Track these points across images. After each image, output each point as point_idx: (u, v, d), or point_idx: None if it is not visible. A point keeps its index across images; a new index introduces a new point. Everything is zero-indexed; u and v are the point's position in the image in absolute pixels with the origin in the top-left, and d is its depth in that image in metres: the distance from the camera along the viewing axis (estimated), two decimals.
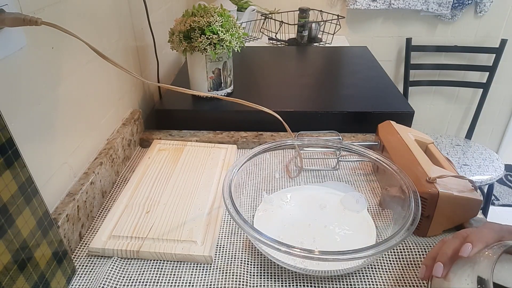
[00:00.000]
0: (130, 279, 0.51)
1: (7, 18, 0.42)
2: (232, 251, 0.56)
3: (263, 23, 1.62)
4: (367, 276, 0.52)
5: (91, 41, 0.51)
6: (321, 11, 1.66)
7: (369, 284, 0.51)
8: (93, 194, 0.62)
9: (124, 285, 0.51)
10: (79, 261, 0.54)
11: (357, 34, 1.85)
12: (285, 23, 1.54)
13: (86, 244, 0.57)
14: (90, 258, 0.55)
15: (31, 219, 0.42)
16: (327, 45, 1.57)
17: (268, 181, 0.68)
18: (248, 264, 0.54)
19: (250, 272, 0.53)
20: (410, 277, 0.52)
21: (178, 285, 0.51)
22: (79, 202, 0.57)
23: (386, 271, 0.53)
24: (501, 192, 2.10)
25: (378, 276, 0.52)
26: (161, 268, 0.53)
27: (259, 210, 0.62)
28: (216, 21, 0.82)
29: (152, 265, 0.54)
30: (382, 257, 0.55)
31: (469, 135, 1.90)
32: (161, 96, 0.98)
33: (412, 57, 1.82)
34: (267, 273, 0.53)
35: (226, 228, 0.60)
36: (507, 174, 2.21)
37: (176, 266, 0.54)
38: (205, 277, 0.52)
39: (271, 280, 0.51)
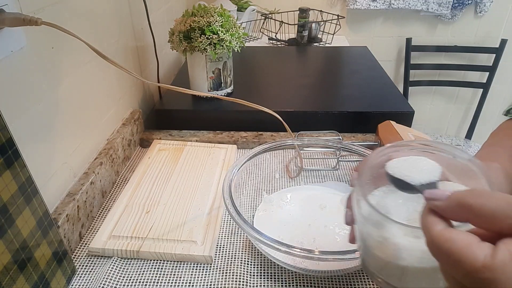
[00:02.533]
0: (130, 279, 0.51)
1: (7, 18, 0.42)
2: (232, 251, 0.56)
3: (263, 23, 1.62)
4: (367, 276, 0.52)
5: (91, 41, 0.51)
6: (321, 11, 1.66)
7: (369, 284, 0.51)
8: (93, 194, 0.62)
9: (124, 285, 0.51)
10: (79, 261, 0.54)
11: (357, 34, 1.85)
12: (285, 23, 1.54)
13: (86, 244, 0.57)
14: (90, 258, 0.55)
15: (31, 219, 0.42)
16: (327, 45, 1.57)
17: (268, 181, 0.68)
18: (248, 264, 0.54)
19: (250, 272, 0.53)
20: None
21: (178, 285, 0.51)
22: (79, 202, 0.57)
23: None
24: None
25: None
26: (161, 268, 0.53)
27: (259, 210, 0.62)
28: (216, 21, 0.82)
29: (152, 265, 0.54)
30: None
31: (469, 135, 1.90)
32: (161, 96, 0.98)
33: (412, 57, 1.82)
34: (267, 273, 0.53)
35: (226, 228, 0.60)
36: None
37: (176, 266, 0.54)
38: (205, 277, 0.52)
39: (271, 280, 0.51)
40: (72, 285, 0.51)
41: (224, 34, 0.81)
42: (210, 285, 0.51)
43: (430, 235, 0.24)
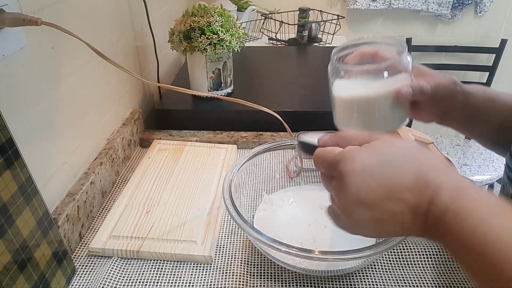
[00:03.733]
0: (130, 279, 0.51)
1: (7, 18, 0.42)
2: (232, 251, 0.56)
3: (263, 23, 1.61)
4: (367, 276, 0.52)
5: (91, 41, 0.51)
6: (321, 11, 1.66)
7: (369, 284, 0.51)
8: (93, 194, 0.62)
9: (124, 285, 0.51)
10: (79, 261, 0.54)
11: (357, 34, 1.85)
12: (285, 23, 1.54)
13: (86, 244, 0.57)
14: (90, 258, 0.55)
15: (31, 219, 0.42)
16: (327, 45, 1.57)
17: (268, 181, 0.68)
18: (248, 264, 0.54)
19: (250, 272, 0.53)
20: (410, 277, 0.52)
21: (178, 285, 0.51)
22: (79, 202, 0.57)
23: (386, 271, 0.53)
24: None
25: (378, 276, 0.52)
26: (161, 268, 0.53)
27: (259, 210, 0.62)
28: (216, 21, 0.82)
29: (152, 265, 0.54)
30: (382, 257, 0.55)
31: None
32: (161, 96, 0.98)
33: (412, 57, 1.82)
34: (267, 273, 0.53)
35: (226, 228, 0.60)
36: None
37: (176, 266, 0.54)
38: (205, 277, 0.52)
39: (271, 280, 0.51)
40: (72, 285, 0.51)
41: (224, 34, 0.81)
42: (210, 285, 0.51)
43: (315, 155, 0.38)
